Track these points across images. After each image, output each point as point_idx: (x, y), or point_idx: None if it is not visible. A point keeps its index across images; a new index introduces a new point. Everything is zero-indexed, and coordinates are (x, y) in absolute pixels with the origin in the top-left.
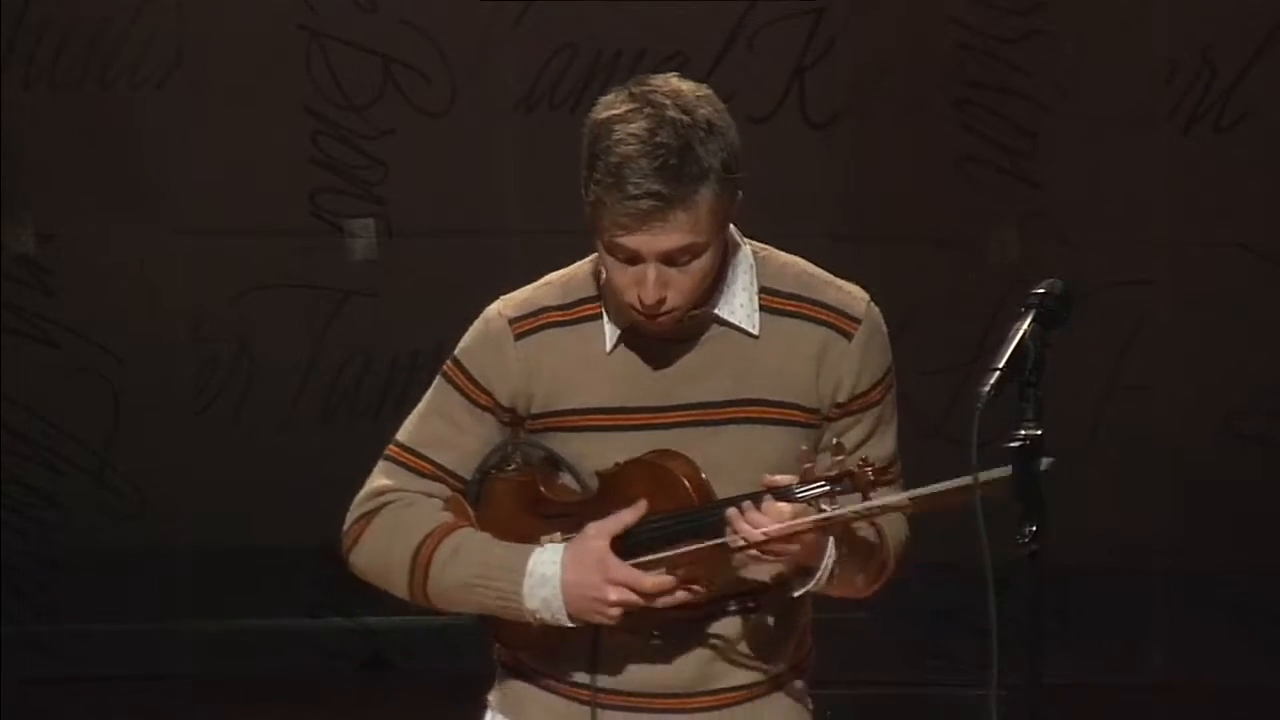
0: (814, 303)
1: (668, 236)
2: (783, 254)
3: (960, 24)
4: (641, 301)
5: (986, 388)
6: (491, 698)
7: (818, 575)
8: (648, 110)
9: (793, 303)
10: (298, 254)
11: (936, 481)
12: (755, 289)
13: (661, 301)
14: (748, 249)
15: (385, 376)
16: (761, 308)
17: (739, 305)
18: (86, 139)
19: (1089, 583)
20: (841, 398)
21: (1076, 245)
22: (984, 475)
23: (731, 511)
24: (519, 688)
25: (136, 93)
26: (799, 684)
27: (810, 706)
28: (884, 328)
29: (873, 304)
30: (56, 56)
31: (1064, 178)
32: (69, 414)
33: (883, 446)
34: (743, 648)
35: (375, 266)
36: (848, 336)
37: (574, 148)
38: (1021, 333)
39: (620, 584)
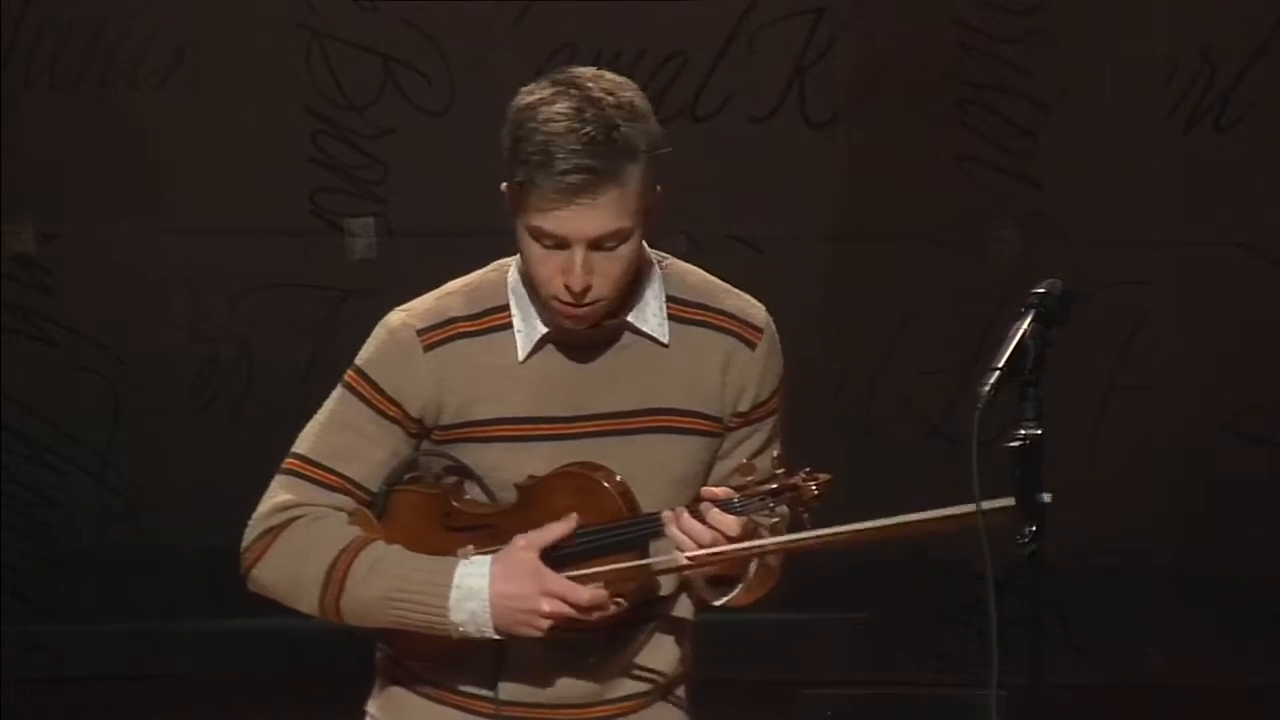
0: (718, 311)
1: (596, 215)
2: (682, 263)
3: (960, 24)
4: (569, 289)
5: (986, 388)
6: (372, 707)
7: (742, 583)
8: (573, 92)
9: (699, 311)
10: (298, 254)
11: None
12: (664, 298)
13: (588, 290)
14: (653, 257)
15: None
16: (670, 317)
17: (650, 314)
18: (86, 139)
19: (1089, 583)
20: (744, 407)
21: (1076, 245)
22: (987, 504)
23: (672, 529)
24: (406, 697)
25: (136, 92)
26: (683, 691)
27: (689, 713)
28: (777, 335)
29: (766, 311)
30: (56, 56)
31: (1064, 178)
32: (69, 414)
33: (773, 450)
34: (641, 657)
35: (375, 266)
36: (751, 346)
37: None
38: (1021, 332)
39: (555, 595)
